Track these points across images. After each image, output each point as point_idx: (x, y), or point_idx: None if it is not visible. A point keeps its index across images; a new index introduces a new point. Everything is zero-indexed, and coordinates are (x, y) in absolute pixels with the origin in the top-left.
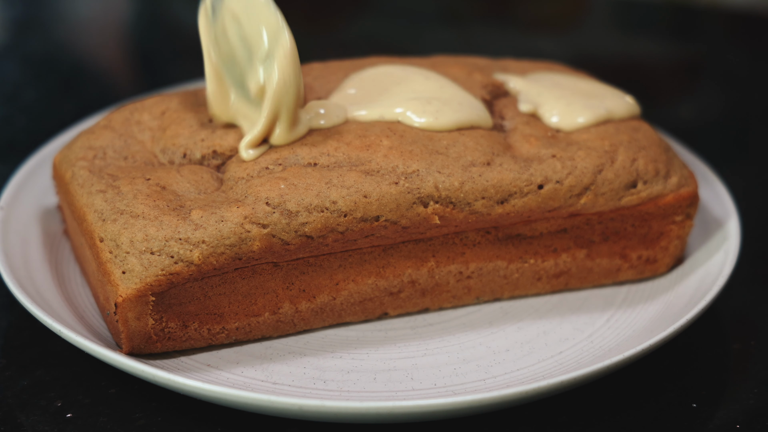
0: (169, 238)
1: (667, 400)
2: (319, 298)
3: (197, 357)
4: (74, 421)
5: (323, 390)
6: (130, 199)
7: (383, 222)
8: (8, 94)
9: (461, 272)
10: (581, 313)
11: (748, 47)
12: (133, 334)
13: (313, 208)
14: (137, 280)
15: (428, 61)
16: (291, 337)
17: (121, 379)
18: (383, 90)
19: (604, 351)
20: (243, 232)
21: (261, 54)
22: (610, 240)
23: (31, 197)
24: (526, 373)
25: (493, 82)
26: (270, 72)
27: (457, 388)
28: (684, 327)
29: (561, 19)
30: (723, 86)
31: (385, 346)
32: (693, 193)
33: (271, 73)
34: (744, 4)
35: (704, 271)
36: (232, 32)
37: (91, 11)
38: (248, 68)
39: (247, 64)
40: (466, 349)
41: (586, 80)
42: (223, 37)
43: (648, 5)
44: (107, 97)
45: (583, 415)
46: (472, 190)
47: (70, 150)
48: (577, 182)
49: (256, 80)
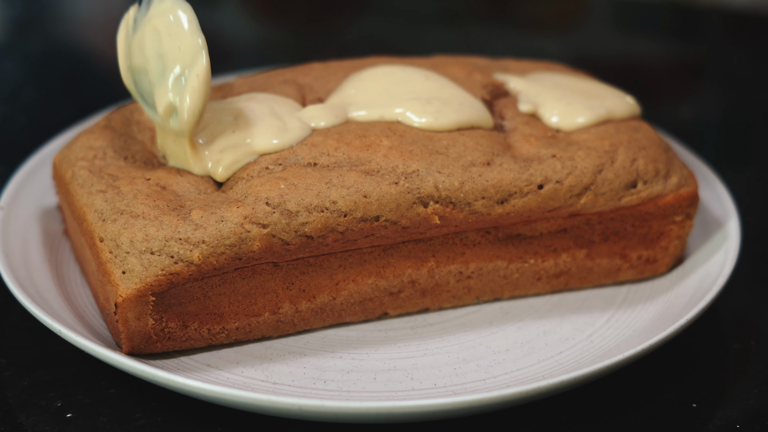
0: (169, 238)
1: (667, 400)
2: (319, 298)
3: (197, 357)
4: (74, 421)
5: (323, 390)
6: (130, 199)
7: (383, 222)
8: (8, 94)
9: (461, 272)
10: (581, 313)
11: (748, 47)
12: (133, 334)
13: (313, 208)
14: (137, 280)
15: (428, 61)
16: (291, 337)
17: (121, 379)
18: (383, 90)
19: (604, 351)
20: (243, 232)
21: (174, 74)
22: (610, 240)
23: (31, 197)
24: (526, 373)
25: (493, 82)
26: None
27: (457, 388)
28: (684, 327)
29: (561, 19)
30: (723, 86)
31: (385, 346)
32: (693, 193)
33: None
34: (744, 5)
35: (704, 271)
36: (150, 46)
37: (91, 11)
38: (158, 84)
39: (158, 79)
40: (466, 349)
41: (586, 80)
42: (139, 49)
43: (648, 5)
44: (107, 97)
45: (583, 415)
46: (472, 190)
47: (70, 150)
48: (577, 182)
49: (165, 100)
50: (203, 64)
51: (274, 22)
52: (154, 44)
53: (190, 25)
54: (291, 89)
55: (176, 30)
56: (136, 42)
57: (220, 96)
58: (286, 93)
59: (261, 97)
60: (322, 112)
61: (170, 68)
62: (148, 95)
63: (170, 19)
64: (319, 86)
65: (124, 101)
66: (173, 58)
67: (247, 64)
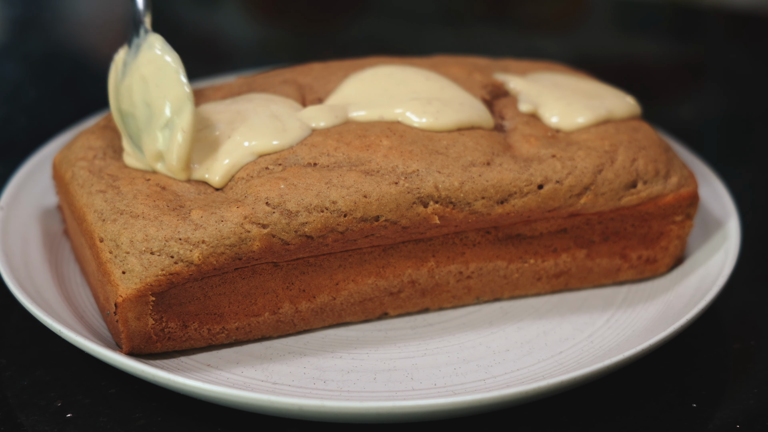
0: (169, 238)
1: (667, 400)
2: (319, 298)
3: (197, 357)
4: (74, 421)
5: (323, 390)
6: (130, 199)
7: (383, 222)
8: (8, 94)
9: (461, 272)
10: (581, 313)
11: (748, 47)
12: (133, 334)
13: (313, 208)
14: (137, 280)
15: (428, 61)
16: (291, 337)
17: (121, 379)
18: (383, 90)
19: (604, 351)
20: (243, 232)
21: (161, 124)
22: (610, 240)
23: (31, 197)
24: (526, 373)
25: (493, 82)
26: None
27: (457, 388)
28: (684, 327)
29: (561, 19)
30: (723, 86)
31: (385, 346)
32: (693, 193)
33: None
34: (745, 5)
35: (704, 271)
36: (138, 93)
37: (91, 11)
38: (146, 131)
39: (146, 126)
40: (466, 349)
41: (587, 80)
42: (128, 95)
43: (649, 5)
44: (107, 97)
45: (583, 415)
46: (472, 190)
47: (70, 150)
48: (577, 182)
49: (153, 148)
50: (188, 116)
51: (274, 22)
52: (141, 92)
53: (176, 75)
54: (291, 89)
55: (163, 80)
56: (125, 87)
57: (220, 96)
58: (286, 93)
59: (260, 98)
60: (321, 113)
61: (157, 117)
62: (136, 138)
63: (157, 69)
64: (319, 86)
65: None
66: (160, 108)
67: (247, 64)
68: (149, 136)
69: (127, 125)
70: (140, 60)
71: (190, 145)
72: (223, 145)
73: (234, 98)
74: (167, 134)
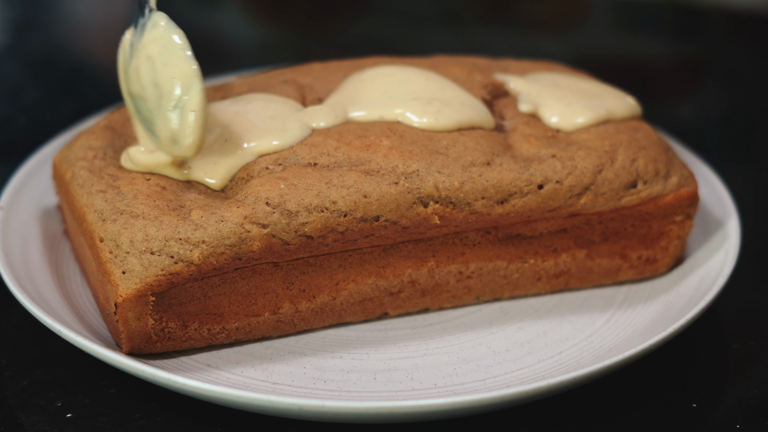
0: (169, 238)
1: (667, 400)
2: (319, 298)
3: (197, 357)
4: (74, 421)
5: (323, 390)
6: (130, 199)
7: (383, 222)
8: (8, 94)
9: (461, 272)
10: (581, 313)
11: (749, 47)
12: (133, 334)
13: (313, 208)
14: (137, 280)
15: (428, 61)
16: (291, 337)
17: (121, 379)
18: (383, 90)
19: (604, 351)
20: (243, 232)
21: (171, 104)
22: (610, 240)
23: (31, 197)
24: (526, 373)
25: (493, 82)
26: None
27: (457, 388)
28: (684, 327)
29: (561, 19)
30: (724, 86)
31: (385, 346)
32: (693, 193)
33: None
34: (745, 5)
35: (704, 271)
36: (146, 74)
37: (91, 11)
38: (157, 114)
39: (157, 108)
40: (466, 349)
41: (587, 80)
42: (136, 77)
43: (649, 5)
44: (107, 97)
45: (583, 415)
46: (472, 190)
47: (70, 150)
48: (577, 182)
49: (166, 130)
50: (198, 94)
51: (274, 22)
52: (149, 72)
53: (182, 52)
54: (291, 89)
55: (169, 58)
56: (133, 69)
57: (219, 96)
58: (286, 93)
59: (260, 98)
60: (322, 113)
61: (167, 97)
62: (149, 123)
63: (163, 47)
64: (319, 86)
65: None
66: (169, 87)
67: (247, 64)
68: (161, 118)
69: (140, 110)
70: (146, 39)
71: (204, 123)
72: (223, 145)
73: (234, 98)
74: (179, 114)
